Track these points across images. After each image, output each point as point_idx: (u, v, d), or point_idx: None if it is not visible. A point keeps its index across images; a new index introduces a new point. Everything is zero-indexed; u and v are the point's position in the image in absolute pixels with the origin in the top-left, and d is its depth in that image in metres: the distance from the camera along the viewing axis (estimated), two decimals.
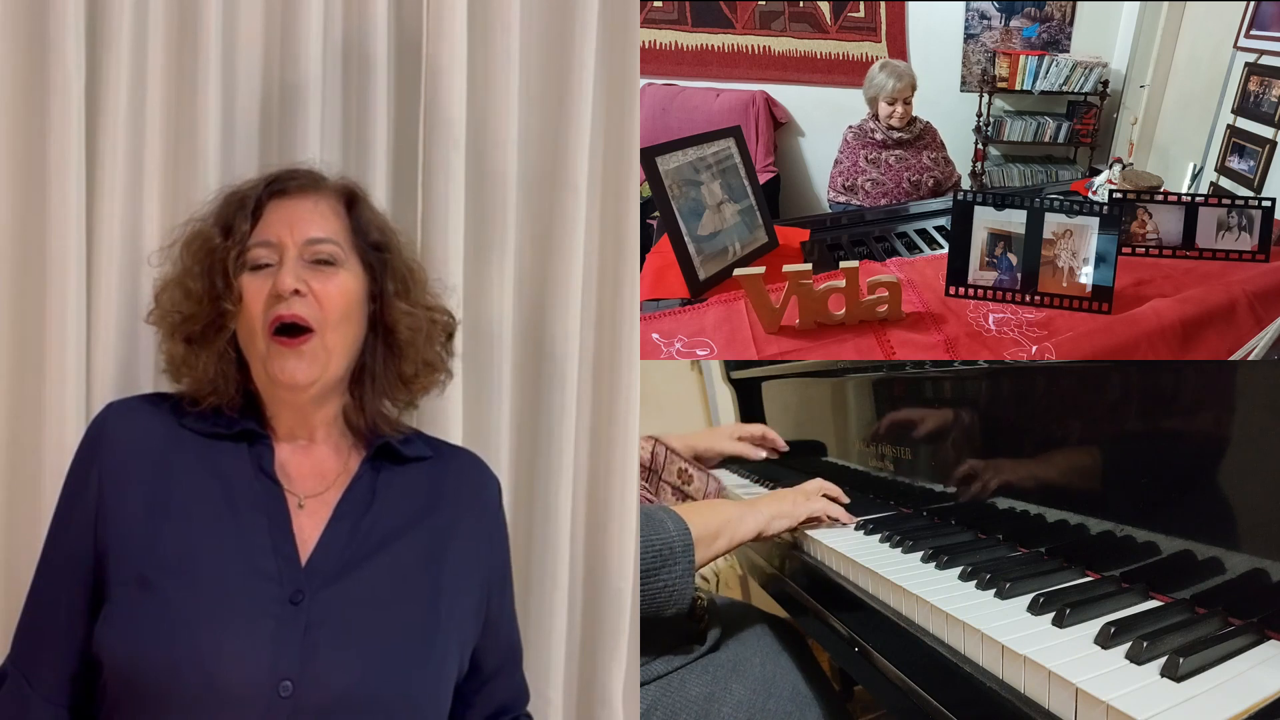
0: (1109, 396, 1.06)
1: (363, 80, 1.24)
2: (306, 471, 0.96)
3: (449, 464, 1.04)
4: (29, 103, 1.08)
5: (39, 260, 1.07)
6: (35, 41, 1.07)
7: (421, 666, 0.91)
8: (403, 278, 1.00)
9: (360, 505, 0.95)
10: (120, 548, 0.87)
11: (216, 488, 0.91)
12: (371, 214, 1.01)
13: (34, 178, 1.07)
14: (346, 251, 0.96)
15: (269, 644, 0.84)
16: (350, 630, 0.88)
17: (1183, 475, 0.93)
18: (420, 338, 1.00)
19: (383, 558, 0.93)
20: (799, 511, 1.33)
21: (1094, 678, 0.73)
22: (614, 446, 1.33)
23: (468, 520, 1.01)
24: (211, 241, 0.94)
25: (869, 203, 2.60)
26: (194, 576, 0.85)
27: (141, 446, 0.91)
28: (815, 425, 1.98)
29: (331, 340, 0.93)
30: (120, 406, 0.95)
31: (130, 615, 0.84)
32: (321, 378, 0.93)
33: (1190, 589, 0.91)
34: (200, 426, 0.94)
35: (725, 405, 2.70)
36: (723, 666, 1.29)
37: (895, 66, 2.58)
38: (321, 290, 0.92)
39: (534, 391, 1.31)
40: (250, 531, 0.90)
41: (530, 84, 1.31)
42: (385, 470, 0.99)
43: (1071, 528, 1.08)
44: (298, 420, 0.97)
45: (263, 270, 0.92)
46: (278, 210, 0.95)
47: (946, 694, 0.88)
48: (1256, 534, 0.84)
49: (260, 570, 0.88)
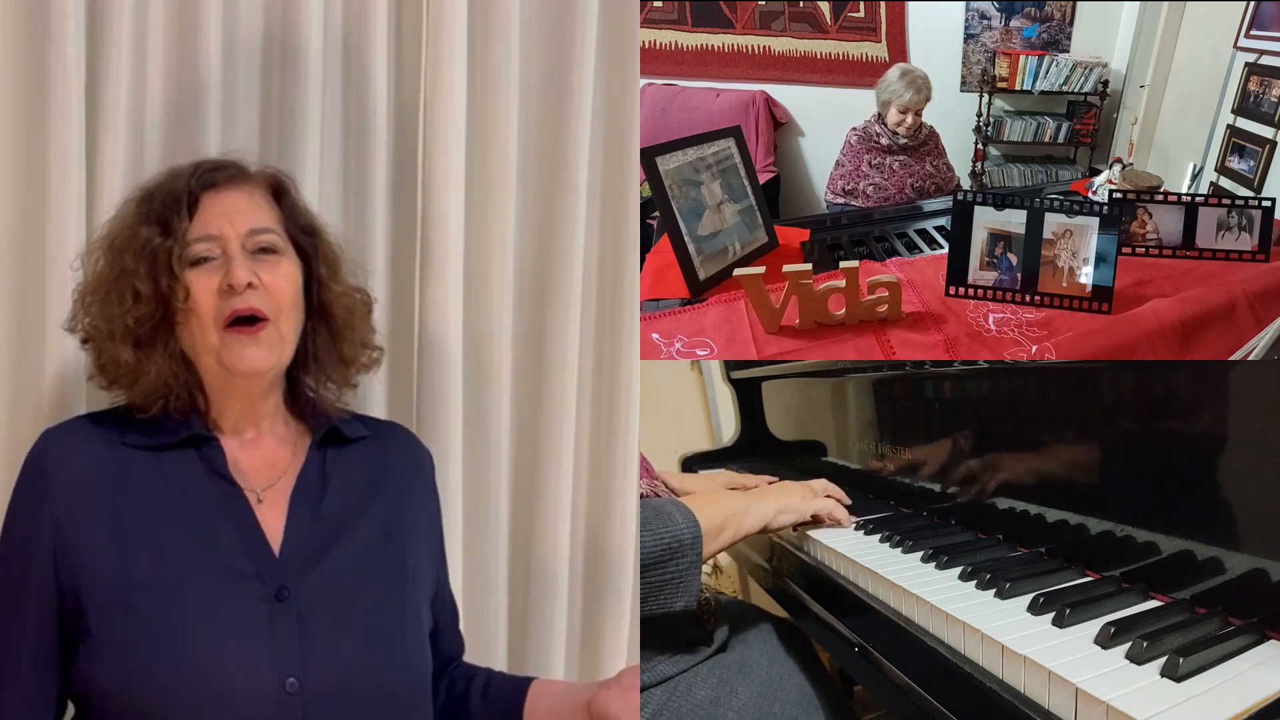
0: (1109, 396, 1.06)
1: (363, 80, 1.24)
2: (258, 464, 0.96)
3: (386, 440, 1.07)
4: (29, 102, 1.07)
5: (39, 260, 1.07)
6: (35, 41, 1.07)
7: (408, 635, 0.95)
8: (333, 261, 1.02)
9: (315, 490, 0.97)
10: (92, 581, 0.85)
11: (175, 500, 0.90)
12: (298, 200, 1.02)
13: (34, 178, 1.07)
14: (283, 239, 0.97)
15: (268, 645, 0.85)
16: (339, 616, 0.90)
17: (1183, 475, 0.93)
18: (356, 318, 1.02)
19: (349, 539, 0.95)
20: (806, 507, 1.31)
21: (1094, 678, 0.73)
22: (614, 446, 1.33)
23: (413, 491, 1.05)
24: (152, 241, 0.92)
25: (869, 206, 2.59)
26: (176, 593, 0.85)
27: (90, 474, 0.89)
28: (815, 425, 1.98)
29: (284, 327, 0.94)
30: (56, 435, 0.93)
31: (120, 643, 0.83)
32: (278, 363, 0.95)
33: (1190, 589, 0.91)
34: (143, 441, 0.93)
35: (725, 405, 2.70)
36: (729, 669, 1.28)
37: (915, 76, 2.49)
38: (270, 280, 0.93)
39: (534, 391, 1.31)
40: (218, 536, 0.90)
41: (530, 84, 1.31)
42: (331, 452, 1.00)
43: (1071, 528, 1.08)
44: (245, 411, 0.97)
45: (205, 264, 0.92)
46: (213, 204, 0.95)
47: (946, 694, 0.88)
48: (1256, 534, 0.84)
49: (238, 572, 0.88)
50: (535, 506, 1.30)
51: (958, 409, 1.37)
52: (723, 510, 1.21)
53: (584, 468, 1.34)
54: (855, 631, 1.10)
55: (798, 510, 1.30)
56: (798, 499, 1.31)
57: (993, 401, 1.28)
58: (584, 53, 1.29)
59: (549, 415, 1.30)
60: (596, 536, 1.33)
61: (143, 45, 1.13)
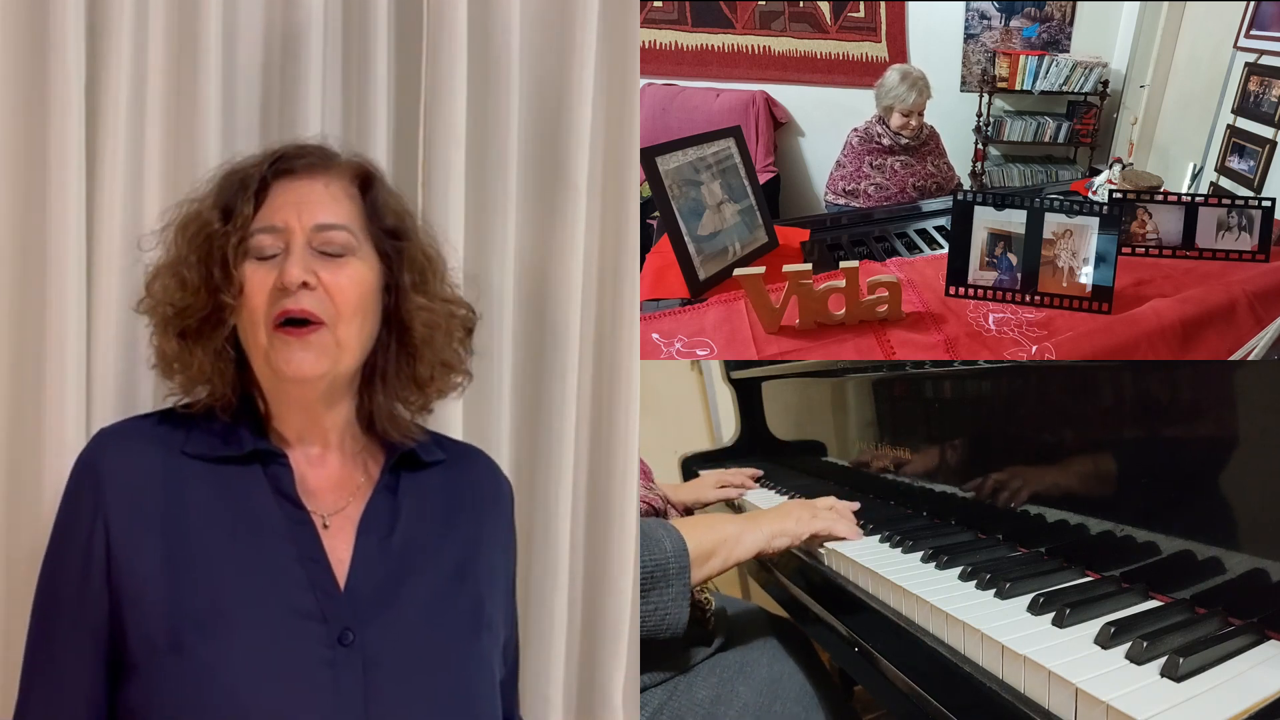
0: (1109, 397, 1.06)
1: (363, 80, 1.24)
2: (326, 485, 0.88)
3: (464, 467, 0.98)
4: (29, 102, 1.07)
5: (39, 259, 1.07)
6: (35, 41, 1.07)
7: (480, 693, 0.87)
8: (421, 268, 0.91)
9: (385, 519, 0.88)
10: (141, 607, 0.78)
11: (236, 521, 0.82)
12: (388, 196, 0.92)
13: (34, 177, 1.07)
14: (360, 239, 0.87)
15: (330, 695, 0.78)
16: (408, 668, 0.82)
17: (1182, 475, 0.93)
18: (438, 335, 0.92)
19: (421, 578, 0.87)
20: (802, 530, 1.27)
21: (1094, 678, 0.73)
22: (614, 446, 1.32)
23: (489, 529, 0.96)
24: (210, 226, 0.84)
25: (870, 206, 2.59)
26: (232, 631, 0.77)
27: (146, 484, 0.82)
28: (815, 425, 1.98)
29: (344, 334, 0.85)
30: (113, 436, 0.85)
31: (169, 683, 0.76)
32: (331, 371, 0.85)
33: (1190, 589, 0.91)
34: (205, 451, 0.85)
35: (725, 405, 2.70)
36: (729, 668, 1.28)
37: (915, 79, 2.49)
38: (332, 281, 0.84)
39: (534, 391, 1.31)
40: (280, 566, 0.81)
41: (530, 84, 1.31)
42: (404, 478, 0.92)
43: (1071, 528, 1.08)
44: (308, 424, 0.89)
45: (268, 260, 0.84)
46: (284, 192, 0.86)
47: (946, 694, 0.88)
48: (1256, 534, 0.84)
49: (300, 609, 0.80)
50: (534, 506, 1.30)
51: (958, 409, 1.37)
52: (713, 536, 1.20)
53: (584, 468, 1.34)
54: (855, 631, 1.10)
55: (794, 534, 1.27)
56: (793, 522, 1.28)
57: (993, 402, 1.28)
58: (584, 53, 1.29)
59: (549, 415, 1.29)
60: (596, 537, 1.33)
61: (143, 45, 1.13)
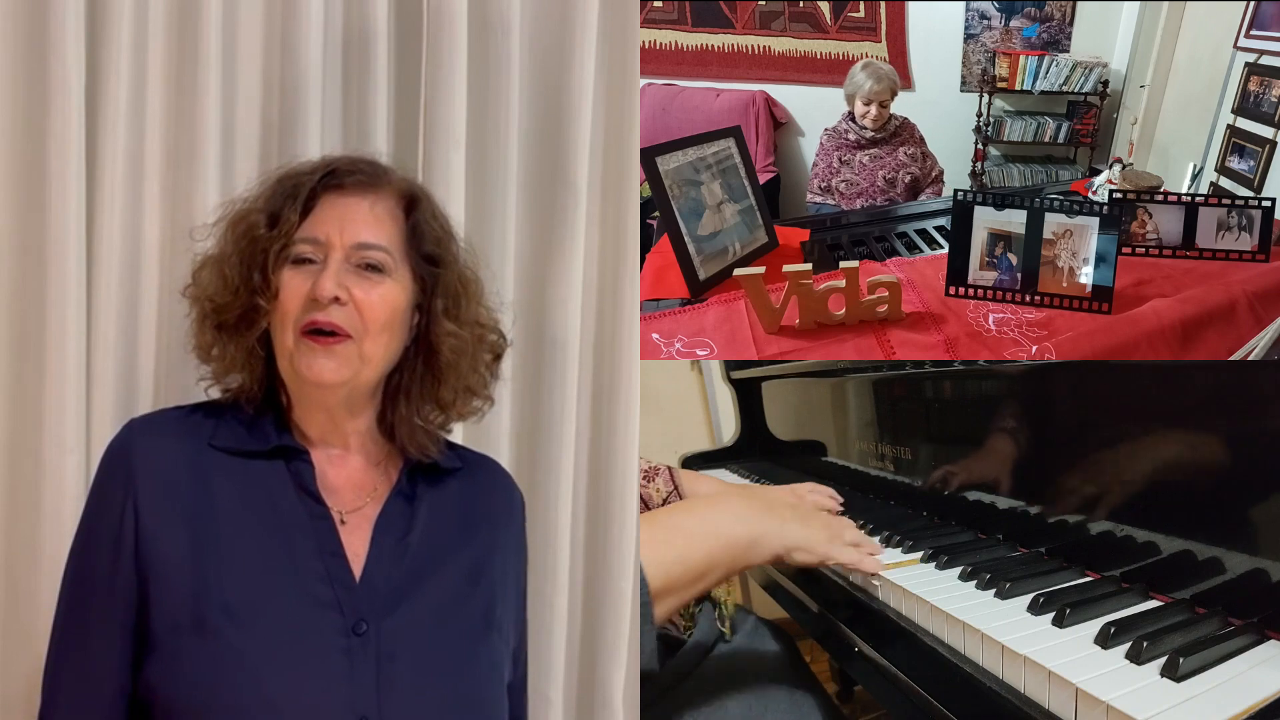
0: (1108, 396, 1.06)
1: (363, 80, 1.24)
2: (345, 484, 0.91)
3: (479, 476, 1.01)
4: (29, 102, 1.07)
5: (39, 260, 1.07)
6: (35, 41, 1.07)
7: (489, 692, 0.90)
8: (455, 294, 0.93)
9: (401, 521, 0.91)
10: (167, 590, 0.81)
11: (260, 513, 0.86)
12: (432, 220, 0.94)
13: (34, 177, 1.07)
14: (397, 260, 0.90)
15: (344, 683, 0.81)
16: (420, 663, 0.85)
17: (1182, 475, 0.93)
18: (464, 361, 0.94)
19: (434, 580, 0.90)
20: (829, 553, 1.09)
21: (1094, 678, 0.73)
22: (614, 446, 1.32)
23: (502, 537, 0.99)
24: (256, 230, 0.88)
25: (844, 203, 2.60)
26: (253, 617, 0.81)
27: (175, 474, 0.85)
28: (815, 425, 1.98)
29: (369, 348, 0.88)
30: (145, 427, 0.89)
31: (191, 661, 0.79)
32: (351, 381, 0.88)
33: (1190, 589, 0.91)
34: (232, 444, 0.88)
35: (725, 405, 2.71)
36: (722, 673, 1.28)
37: (877, 68, 2.51)
38: (364, 298, 0.87)
39: (534, 392, 1.31)
40: (300, 558, 0.85)
41: (530, 84, 1.31)
42: (421, 484, 0.95)
43: (1071, 528, 1.08)
44: (330, 425, 0.92)
45: (305, 266, 0.87)
46: (331, 206, 0.89)
47: (946, 694, 0.88)
48: (1256, 534, 0.84)
49: (319, 599, 0.84)
50: (534, 506, 1.30)
51: (958, 409, 1.37)
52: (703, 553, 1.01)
53: (584, 468, 1.34)
54: (855, 632, 1.10)
55: (820, 557, 1.09)
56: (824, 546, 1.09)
57: (993, 401, 1.28)
58: (584, 53, 1.29)
59: (548, 415, 1.29)
60: (596, 537, 1.33)
61: (143, 45, 1.13)
